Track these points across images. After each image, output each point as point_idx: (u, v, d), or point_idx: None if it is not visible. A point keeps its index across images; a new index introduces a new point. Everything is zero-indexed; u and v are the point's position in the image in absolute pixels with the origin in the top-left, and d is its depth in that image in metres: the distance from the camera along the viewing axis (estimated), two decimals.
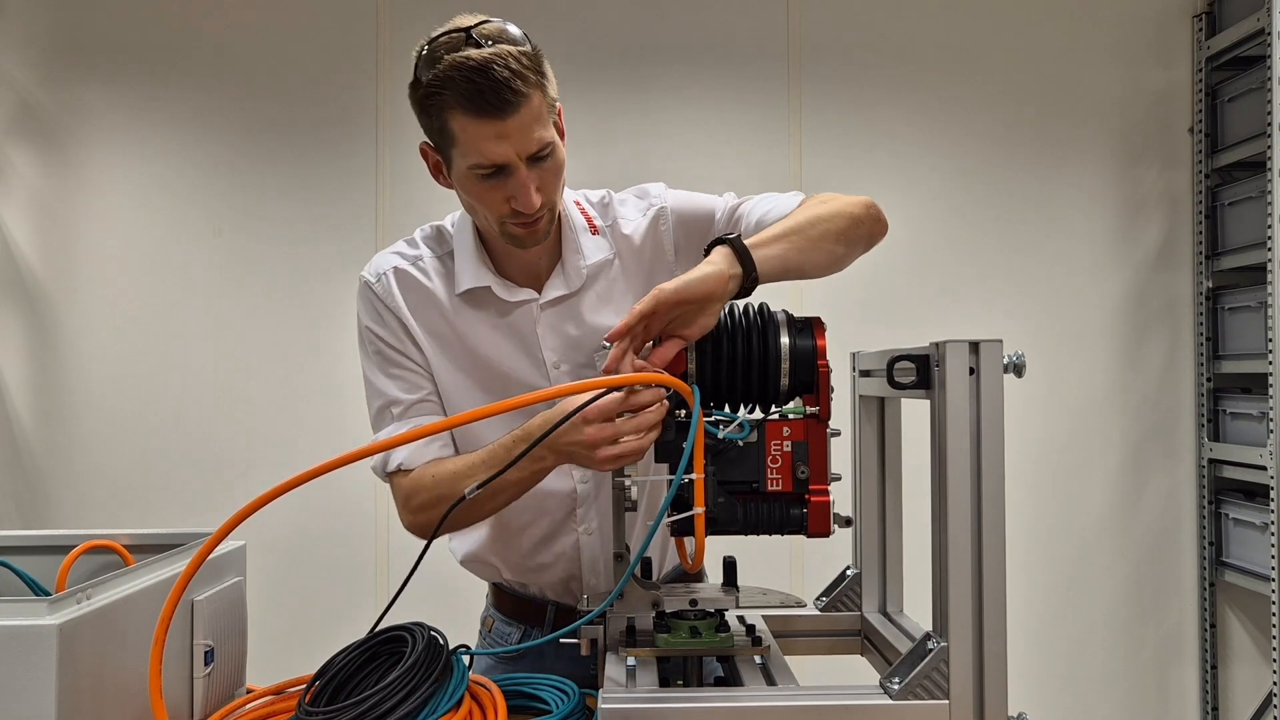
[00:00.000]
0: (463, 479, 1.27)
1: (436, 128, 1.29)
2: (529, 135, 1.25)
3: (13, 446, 3.13)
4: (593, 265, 1.43)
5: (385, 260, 1.46)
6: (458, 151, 1.28)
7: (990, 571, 0.98)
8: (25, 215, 3.15)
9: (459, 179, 1.32)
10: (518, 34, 1.27)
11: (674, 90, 3.15)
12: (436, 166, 1.36)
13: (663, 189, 1.48)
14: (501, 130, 1.24)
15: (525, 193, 1.28)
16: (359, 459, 1.04)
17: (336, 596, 3.07)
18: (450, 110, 1.24)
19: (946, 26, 3.19)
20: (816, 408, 1.13)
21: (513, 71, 1.21)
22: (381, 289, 1.44)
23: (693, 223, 1.45)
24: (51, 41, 3.16)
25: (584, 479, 1.45)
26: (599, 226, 1.46)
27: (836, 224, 1.30)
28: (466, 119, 1.24)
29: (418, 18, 3.14)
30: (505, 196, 1.29)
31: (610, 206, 1.48)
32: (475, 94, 1.21)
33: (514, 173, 1.27)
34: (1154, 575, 3.18)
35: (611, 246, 1.45)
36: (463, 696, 1.07)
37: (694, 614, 1.18)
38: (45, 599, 0.94)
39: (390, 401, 1.41)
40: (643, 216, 1.46)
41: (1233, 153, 3.05)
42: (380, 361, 1.43)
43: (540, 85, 1.26)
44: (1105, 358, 3.20)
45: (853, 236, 1.33)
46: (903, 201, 3.11)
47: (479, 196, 1.31)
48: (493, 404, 1.08)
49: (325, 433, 3.06)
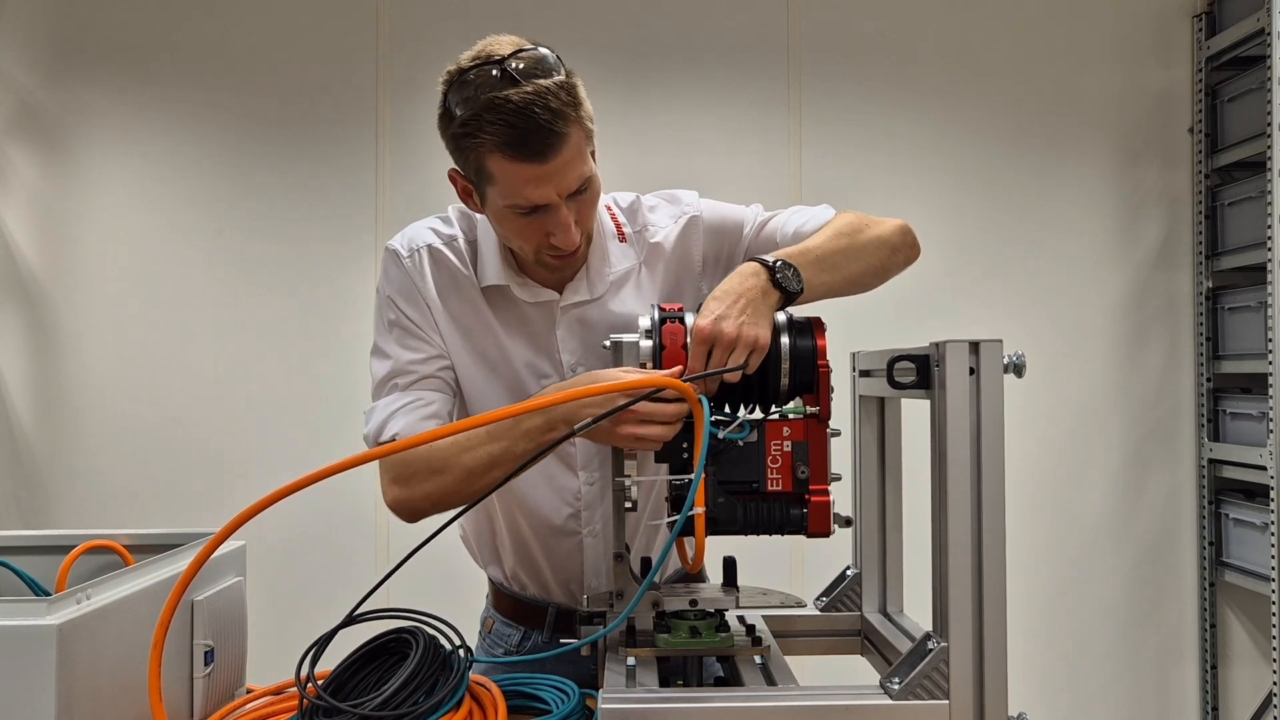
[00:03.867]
0: (463, 450, 1.22)
1: (472, 166, 1.25)
2: (569, 174, 1.23)
3: (13, 446, 3.13)
4: (617, 271, 1.42)
5: (421, 235, 1.41)
6: (494, 190, 1.25)
7: (990, 571, 0.98)
8: (25, 215, 3.15)
9: (495, 213, 1.29)
10: (552, 60, 1.22)
11: (674, 90, 3.15)
12: (466, 192, 1.33)
13: (695, 197, 1.47)
14: (542, 174, 1.21)
15: (566, 231, 1.26)
16: (364, 463, 1.03)
17: (336, 597, 3.05)
18: (488, 153, 1.21)
19: (946, 26, 3.19)
20: (816, 408, 1.13)
21: (553, 112, 1.18)
22: (412, 265, 1.39)
23: (722, 235, 1.44)
24: (51, 41, 3.16)
25: (589, 480, 1.44)
26: (627, 234, 1.45)
27: (878, 257, 1.33)
28: (506, 162, 1.21)
29: (418, 18, 3.15)
30: (544, 232, 1.27)
31: (639, 212, 1.47)
32: (516, 140, 1.18)
33: (554, 211, 1.25)
34: (1154, 575, 3.18)
35: (638, 254, 1.44)
36: (463, 697, 1.07)
37: (694, 614, 1.18)
38: (45, 599, 0.94)
39: (398, 371, 1.36)
40: (674, 223, 1.45)
41: (1233, 153, 3.05)
42: (398, 333, 1.38)
43: (579, 119, 1.23)
44: (1105, 357, 3.19)
45: (890, 263, 1.36)
46: (902, 201, 3.11)
47: (517, 232, 1.29)
48: (503, 409, 1.07)
49: (326, 432, 3.06)
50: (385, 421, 1.33)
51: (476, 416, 1.08)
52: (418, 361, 1.37)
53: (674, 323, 1.16)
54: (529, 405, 1.10)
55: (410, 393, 1.35)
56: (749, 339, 1.12)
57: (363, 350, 1.45)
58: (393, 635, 1.11)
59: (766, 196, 1.58)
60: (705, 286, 1.45)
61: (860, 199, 2.91)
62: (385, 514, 3.17)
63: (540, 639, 1.52)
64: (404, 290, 1.39)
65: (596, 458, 1.43)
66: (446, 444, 1.24)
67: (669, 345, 1.15)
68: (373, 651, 1.10)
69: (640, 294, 1.43)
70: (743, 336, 1.12)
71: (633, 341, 1.20)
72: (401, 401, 1.34)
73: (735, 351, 1.12)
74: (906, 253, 1.38)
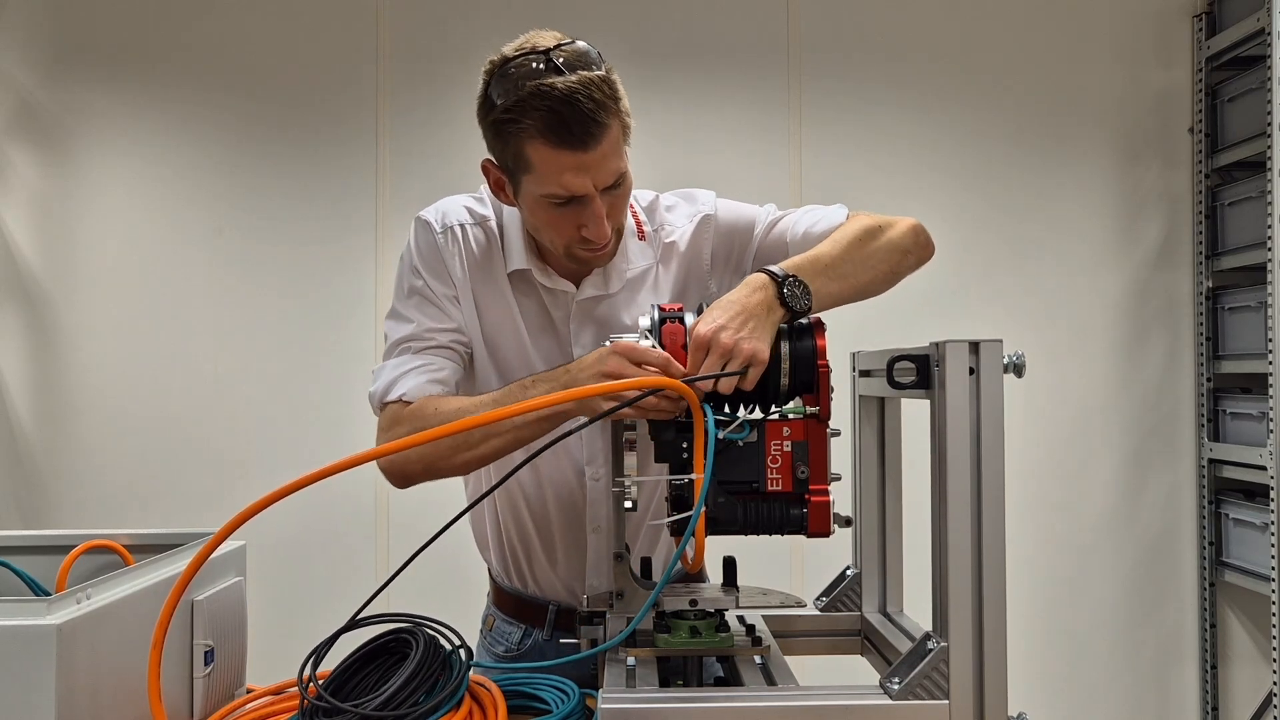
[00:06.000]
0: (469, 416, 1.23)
1: (511, 153, 1.26)
2: (607, 167, 1.25)
3: (13, 446, 3.13)
4: (634, 270, 1.43)
5: (456, 212, 1.43)
6: (531, 179, 1.26)
7: (990, 571, 0.98)
8: (25, 215, 3.15)
9: (528, 203, 1.31)
10: (594, 55, 1.25)
11: (674, 90, 3.15)
12: (498, 184, 1.34)
13: (711, 197, 1.49)
14: (582, 163, 1.23)
15: (599, 224, 1.28)
16: (364, 462, 1.03)
17: (336, 596, 3.06)
18: (529, 139, 1.22)
19: (946, 26, 3.19)
20: (816, 408, 1.13)
21: (596, 103, 1.20)
22: (444, 240, 1.41)
23: (733, 234, 1.45)
24: (51, 41, 3.16)
25: (595, 475, 1.45)
26: (646, 232, 1.46)
27: (889, 264, 1.33)
28: (547, 149, 1.22)
29: (418, 19, 3.15)
30: (577, 224, 1.29)
31: (657, 211, 1.49)
32: (560, 126, 1.20)
33: (589, 203, 1.27)
34: (1154, 575, 3.18)
35: (655, 254, 1.46)
36: (463, 696, 1.07)
37: (694, 614, 1.18)
38: (45, 599, 0.94)
39: (414, 335, 1.37)
40: (689, 223, 1.47)
41: (1233, 153, 3.05)
42: (419, 300, 1.40)
43: (618, 113, 1.25)
44: (1105, 358, 3.19)
45: (902, 267, 1.36)
46: (902, 201, 3.11)
47: (549, 223, 1.30)
48: (510, 405, 1.08)
49: (326, 432, 3.06)
50: (393, 381, 1.34)
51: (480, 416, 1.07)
52: (434, 329, 1.38)
53: (674, 323, 1.16)
54: (535, 402, 1.09)
55: (422, 356, 1.36)
56: (746, 353, 1.11)
57: (363, 350, 1.45)
58: (393, 635, 1.11)
59: (766, 196, 1.58)
60: (713, 285, 1.46)
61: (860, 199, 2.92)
62: (385, 514, 3.19)
63: (541, 637, 1.52)
64: (431, 262, 1.40)
65: (601, 454, 1.43)
66: (451, 410, 1.26)
67: (668, 345, 1.15)
68: (373, 651, 1.10)
69: (655, 293, 1.45)
70: (739, 350, 1.11)
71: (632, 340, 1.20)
72: (412, 364, 1.35)
73: (731, 364, 1.11)
74: (919, 254, 1.38)
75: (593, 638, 1.21)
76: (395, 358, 1.37)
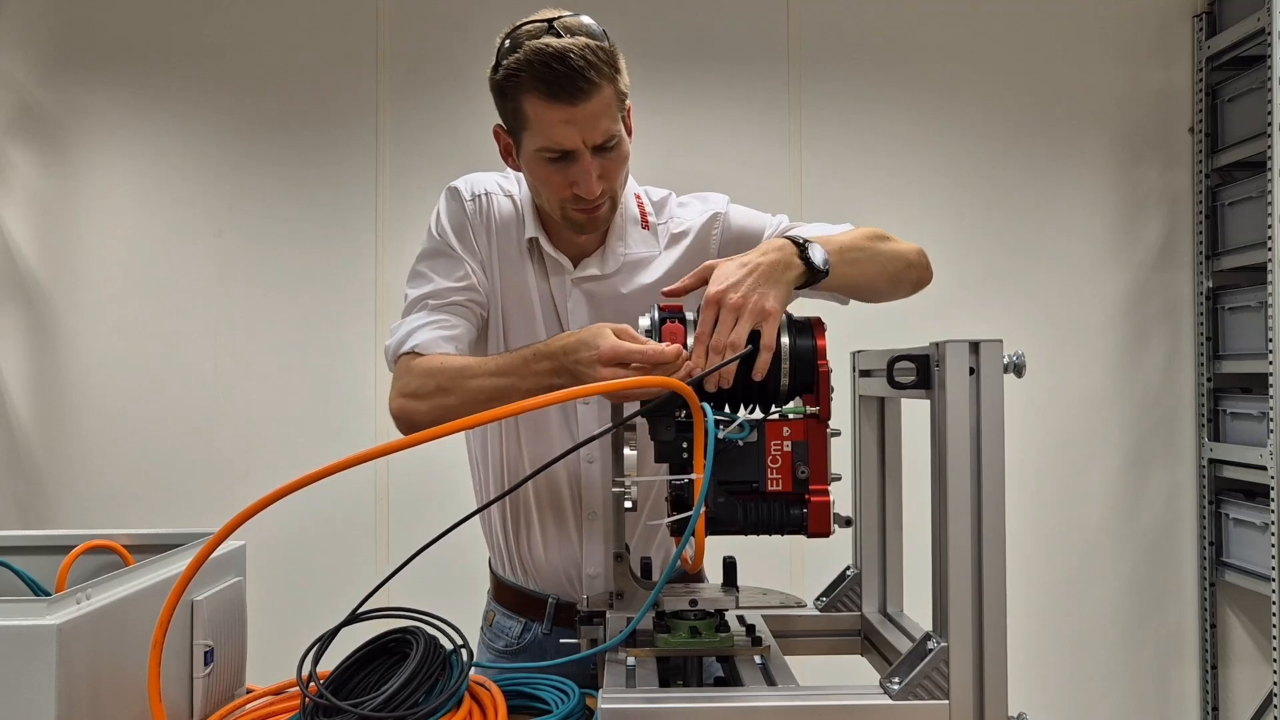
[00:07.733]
0: (470, 376, 1.29)
1: (511, 110, 1.34)
2: (597, 125, 1.31)
3: (13, 446, 3.13)
4: (633, 255, 1.47)
5: (484, 182, 1.50)
6: (528, 134, 1.33)
7: (990, 571, 0.98)
8: (25, 215, 3.15)
9: (527, 161, 1.37)
10: (597, 29, 1.33)
11: (674, 90, 3.15)
12: (507, 149, 1.41)
13: (725, 200, 1.53)
14: (571, 115, 1.29)
15: (588, 178, 1.33)
16: (365, 462, 1.03)
17: (336, 596, 3.05)
18: (525, 93, 1.29)
19: (946, 27, 3.19)
20: (816, 408, 1.13)
21: (588, 62, 1.27)
22: (474, 209, 1.47)
23: (743, 238, 1.48)
24: (51, 41, 3.16)
25: (589, 458, 1.47)
26: (651, 223, 1.51)
27: (895, 266, 1.38)
28: (540, 102, 1.29)
29: (418, 20, 3.15)
30: (569, 181, 1.34)
31: (668, 207, 1.53)
32: (551, 78, 1.27)
33: (579, 159, 1.32)
34: (1154, 575, 3.18)
35: (659, 245, 1.49)
36: (463, 696, 1.07)
37: (694, 614, 1.18)
38: (45, 599, 0.94)
39: (433, 294, 1.42)
40: (699, 217, 1.51)
41: (1233, 153, 3.05)
42: (443, 261, 1.45)
43: (613, 79, 1.32)
44: (1105, 358, 3.19)
45: (903, 278, 1.41)
46: (902, 201, 3.12)
47: (544, 179, 1.36)
48: (513, 404, 1.07)
49: (325, 432, 3.06)
50: (408, 335, 1.39)
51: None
52: (453, 289, 1.43)
53: (674, 322, 1.16)
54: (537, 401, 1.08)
55: (438, 313, 1.42)
56: (756, 308, 1.11)
57: (363, 351, 1.46)
58: (393, 635, 1.11)
59: (766, 196, 1.60)
60: None
61: (860, 199, 2.93)
62: (386, 514, 3.19)
63: (541, 631, 1.53)
64: (458, 225, 1.47)
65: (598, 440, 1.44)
66: (456, 366, 1.32)
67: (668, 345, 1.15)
68: (373, 651, 1.10)
69: (654, 280, 1.47)
70: (749, 305, 1.12)
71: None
72: (428, 319, 1.41)
73: (741, 322, 1.11)
74: (920, 272, 1.43)
75: (593, 638, 1.21)
76: (414, 314, 1.43)
